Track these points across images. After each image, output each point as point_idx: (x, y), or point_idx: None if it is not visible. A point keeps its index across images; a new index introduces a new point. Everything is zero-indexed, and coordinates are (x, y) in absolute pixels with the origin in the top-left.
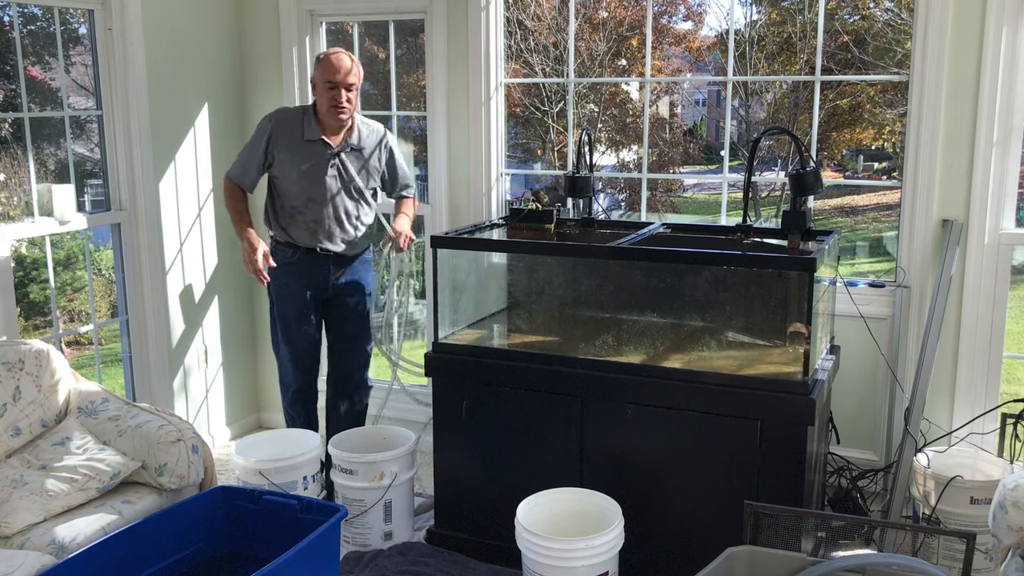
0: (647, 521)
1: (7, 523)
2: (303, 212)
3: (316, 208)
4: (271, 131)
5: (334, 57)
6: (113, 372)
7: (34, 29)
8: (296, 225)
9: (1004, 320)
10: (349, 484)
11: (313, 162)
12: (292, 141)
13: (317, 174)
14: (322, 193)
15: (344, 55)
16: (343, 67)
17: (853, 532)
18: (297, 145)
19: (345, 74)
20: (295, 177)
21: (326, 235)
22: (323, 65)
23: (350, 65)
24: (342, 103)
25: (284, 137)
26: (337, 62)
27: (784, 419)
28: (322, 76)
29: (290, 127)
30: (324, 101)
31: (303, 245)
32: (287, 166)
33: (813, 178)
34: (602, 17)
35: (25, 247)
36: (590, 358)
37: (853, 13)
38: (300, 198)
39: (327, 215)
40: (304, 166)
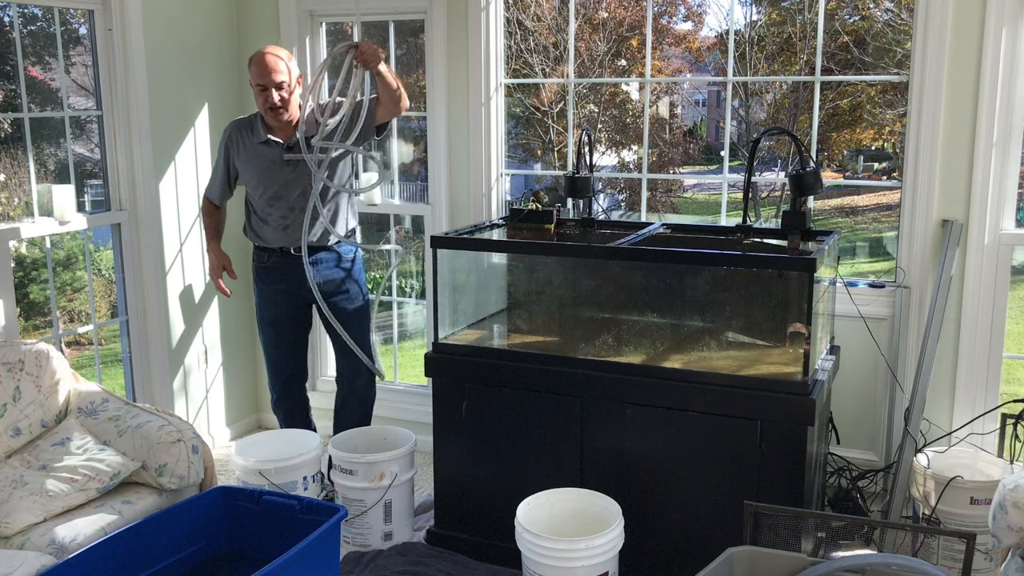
0: (647, 521)
1: (7, 523)
2: (270, 212)
3: (281, 205)
4: (226, 141)
5: (258, 58)
6: (113, 372)
7: (34, 29)
8: (267, 227)
9: (1004, 320)
10: (349, 484)
11: (267, 161)
12: (246, 146)
13: (273, 172)
14: (283, 189)
15: (270, 54)
16: (268, 67)
17: (853, 532)
18: (251, 149)
19: (271, 73)
20: (255, 180)
21: (297, 228)
22: (251, 69)
23: (276, 63)
24: (275, 103)
25: (239, 144)
26: (261, 63)
27: (784, 419)
28: (252, 79)
29: (243, 133)
30: (258, 103)
31: (277, 246)
32: (247, 171)
33: (813, 178)
34: (602, 17)
35: (25, 247)
36: (590, 358)
37: (853, 13)
38: (264, 198)
39: (296, 207)
40: (260, 167)
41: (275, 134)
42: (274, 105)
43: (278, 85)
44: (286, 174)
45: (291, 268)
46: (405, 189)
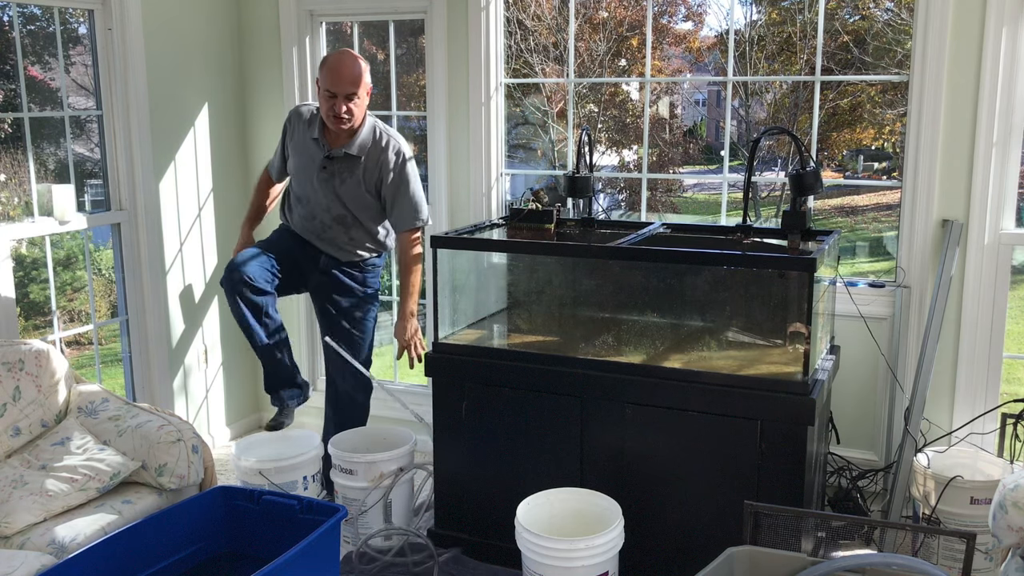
0: (647, 521)
1: (7, 523)
2: (298, 207)
3: (308, 207)
4: (287, 123)
5: (335, 62)
6: (113, 372)
7: (34, 29)
8: (295, 215)
9: (1004, 320)
10: (349, 484)
11: (307, 159)
12: (300, 136)
13: (308, 172)
14: (311, 193)
15: (347, 59)
16: (343, 75)
17: (853, 532)
18: (302, 140)
19: (345, 83)
20: (294, 171)
21: (316, 235)
22: (323, 71)
23: (352, 72)
24: (340, 113)
25: (295, 131)
26: (338, 69)
27: (784, 419)
28: (322, 82)
29: (302, 122)
30: (323, 108)
31: (300, 233)
32: (292, 160)
33: (813, 178)
34: (602, 17)
35: (25, 247)
36: (590, 358)
37: (853, 13)
38: (296, 191)
39: (318, 216)
40: (301, 162)
41: (327, 136)
42: (339, 115)
43: (348, 96)
44: (317, 180)
45: (311, 246)
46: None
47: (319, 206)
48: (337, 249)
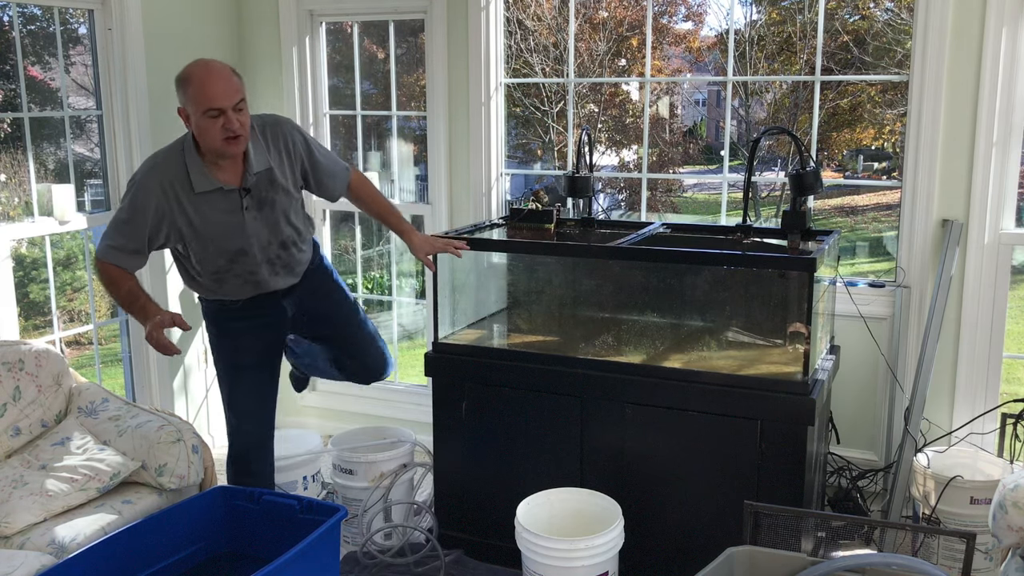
0: (647, 521)
1: (7, 523)
2: (231, 269)
3: (247, 261)
4: (154, 205)
5: (205, 73)
6: (113, 372)
7: (34, 29)
8: (228, 284)
9: (1004, 320)
10: (349, 484)
11: (221, 215)
12: (185, 203)
13: (232, 227)
14: (245, 243)
15: (216, 66)
16: (223, 84)
17: (853, 532)
18: (193, 204)
19: (230, 91)
20: (207, 242)
21: (271, 274)
22: (193, 89)
23: (231, 78)
24: (236, 129)
25: (173, 204)
26: (213, 79)
27: (784, 419)
28: (197, 103)
29: (174, 187)
30: (212, 135)
31: (244, 298)
32: (192, 234)
33: (813, 178)
34: (602, 17)
35: (25, 247)
36: (590, 358)
37: (853, 13)
38: (222, 258)
39: (262, 259)
40: (215, 223)
41: (221, 176)
42: (235, 134)
43: (237, 106)
44: (248, 225)
45: (267, 305)
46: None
47: (259, 248)
48: (292, 271)
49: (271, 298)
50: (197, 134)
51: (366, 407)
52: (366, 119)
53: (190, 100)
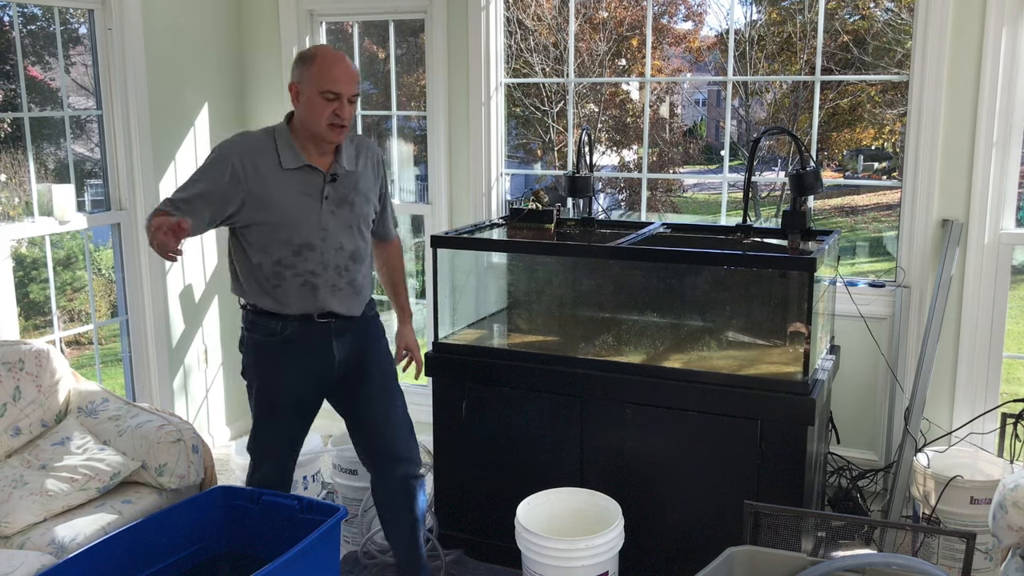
0: (647, 521)
1: (7, 523)
2: (294, 265)
3: (313, 257)
4: (234, 168)
5: (332, 57)
6: (113, 372)
7: (34, 29)
8: (286, 286)
9: (1004, 320)
10: (349, 484)
11: (300, 196)
12: (268, 175)
13: (309, 211)
14: (319, 235)
15: (343, 55)
16: (348, 71)
17: (853, 532)
18: (276, 178)
19: (351, 80)
20: (282, 219)
21: (329, 290)
22: (316, 68)
23: (353, 68)
24: (344, 119)
25: (254, 173)
26: (339, 64)
27: (784, 419)
28: (317, 83)
29: (260, 158)
30: (321, 116)
31: (296, 313)
32: (268, 208)
33: (813, 178)
34: (602, 17)
35: (25, 247)
36: (590, 358)
37: (853, 13)
38: (291, 246)
39: (329, 264)
40: (290, 203)
41: (313, 159)
42: (342, 123)
43: (352, 98)
44: (323, 216)
45: (317, 339)
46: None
47: (329, 247)
48: (355, 296)
49: (323, 332)
50: (305, 112)
51: None
52: (366, 119)
53: (310, 77)
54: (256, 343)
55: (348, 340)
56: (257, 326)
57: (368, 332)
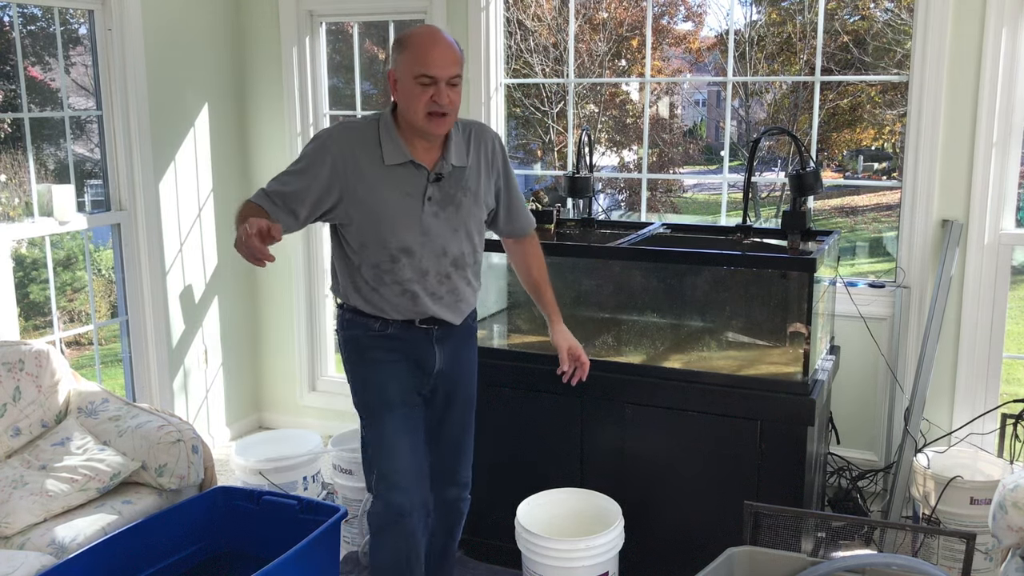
0: (647, 521)
1: (7, 523)
2: (394, 271)
3: (414, 262)
4: (334, 162)
5: (430, 36)
6: (113, 372)
7: (34, 29)
8: (386, 290)
9: (1004, 320)
10: (349, 484)
11: (401, 195)
12: (368, 171)
13: (411, 212)
14: (421, 238)
15: (441, 35)
16: (448, 52)
17: (853, 532)
18: (377, 175)
19: (450, 61)
20: (379, 220)
21: (431, 297)
22: (411, 52)
23: (455, 48)
24: (443, 106)
25: (354, 168)
26: (438, 44)
27: (784, 419)
28: (411, 68)
29: (362, 152)
30: (417, 105)
31: (397, 318)
32: (365, 207)
33: (813, 178)
34: (602, 18)
35: (25, 247)
36: (590, 358)
37: (853, 13)
38: (388, 250)
39: (428, 270)
40: (393, 203)
41: (419, 154)
42: (442, 111)
43: (452, 81)
44: (426, 217)
45: (416, 343)
46: None
47: (429, 253)
48: (455, 306)
49: (425, 336)
50: (402, 102)
51: None
52: None
53: (404, 62)
54: (353, 339)
55: (448, 351)
56: (355, 324)
57: (465, 349)
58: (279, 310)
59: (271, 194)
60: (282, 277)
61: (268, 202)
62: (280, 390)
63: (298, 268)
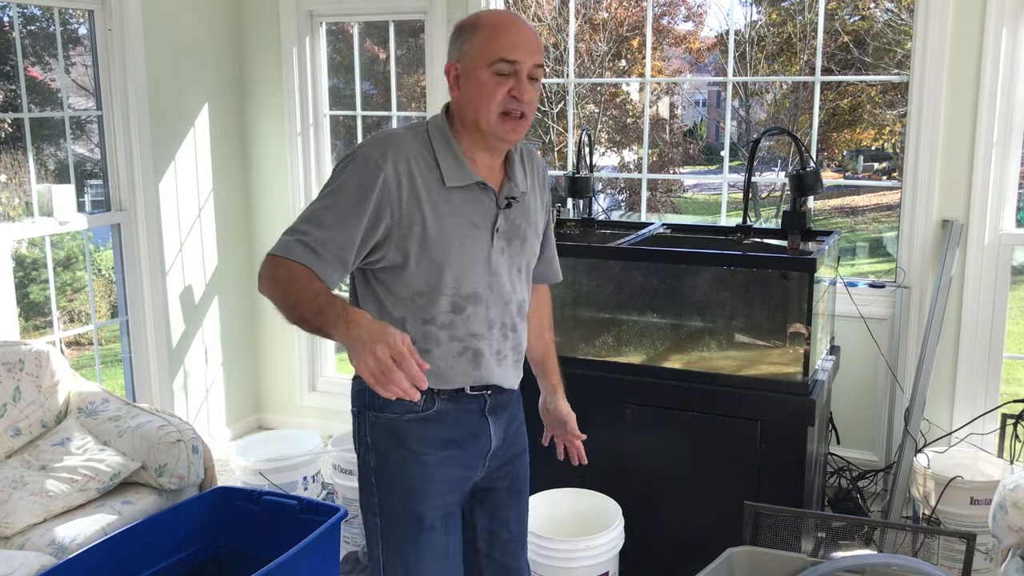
0: (647, 521)
1: (7, 523)
2: (454, 324)
3: (480, 312)
4: (387, 188)
5: (504, 20)
6: (113, 372)
7: (34, 29)
8: (440, 351)
9: (1004, 320)
10: (349, 484)
11: (467, 228)
12: (426, 198)
13: (479, 247)
14: (489, 280)
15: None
16: (531, 36)
17: (853, 532)
18: (437, 202)
19: (535, 47)
20: (441, 260)
21: (496, 356)
22: (485, 34)
23: (534, 32)
24: (524, 103)
25: (411, 195)
26: (518, 25)
27: (784, 419)
28: (485, 53)
29: (418, 172)
30: (491, 101)
31: (447, 387)
32: (422, 244)
33: (813, 178)
34: (602, 18)
35: (25, 247)
36: (590, 358)
37: (853, 13)
38: (450, 297)
39: (495, 322)
40: (457, 237)
41: (481, 172)
42: (521, 111)
43: (534, 72)
44: (494, 255)
45: (468, 420)
46: None
47: (500, 300)
48: (516, 366)
49: (477, 409)
50: (469, 99)
51: None
52: (366, 120)
53: (473, 49)
54: (386, 424)
55: (502, 423)
56: (388, 402)
57: (518, 416)
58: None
59: (313, 244)
60: None
61: (313, 257)
62: (280, 390)
63: None
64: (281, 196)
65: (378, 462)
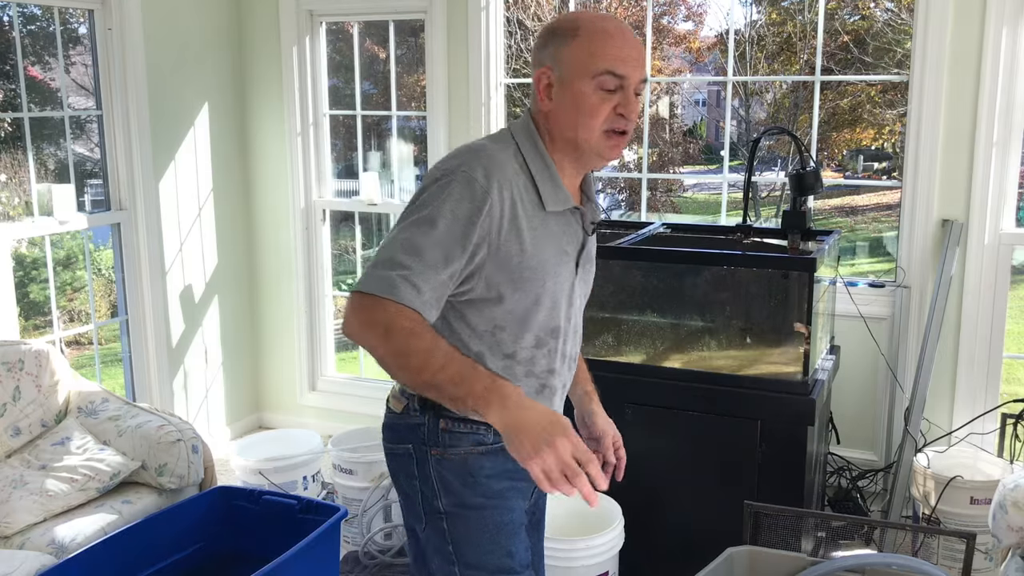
0: (647, 521)
1: (7, 523)
2: (534, 359)
3: (558, 346)
4: (490, 212)
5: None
6: (113, 372)
7: (34, 29)
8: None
9: (1004, 320)
10: (349, 484)
11: (562, 254)
12: (526, 225)
13: (566, 277)
14: (568, 311)
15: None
16: (637, 46)
17: (853, 532)
18: (535, 228)
19: (641, 59)
20: (536, 292)
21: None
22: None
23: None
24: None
25: (512, 222)
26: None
27: (784, 419)
28: (590, 62)
29: (518, 196)
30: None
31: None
32: (518, 275)
33: (813, 178)
34: None
35: (25, 247)
36: (590, 358)
37: (853, 13)
38: (534, 332)
39: (567, 355)
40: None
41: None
42: (624, 128)
43: (639, 88)
44: (574, 286)
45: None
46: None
47: (574, 333)
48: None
49: None
50: (568, 113)
51: (366, 407)
52: (366, 119)
53: (573, 57)
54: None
55: None
56: (457, 436)
57: None
58: (279, 310)
59: (418, 281)
60: (282, 277)
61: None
62: (280, 390)
63: (298, 268)
64: (281, 196)
65: (451, 505)
